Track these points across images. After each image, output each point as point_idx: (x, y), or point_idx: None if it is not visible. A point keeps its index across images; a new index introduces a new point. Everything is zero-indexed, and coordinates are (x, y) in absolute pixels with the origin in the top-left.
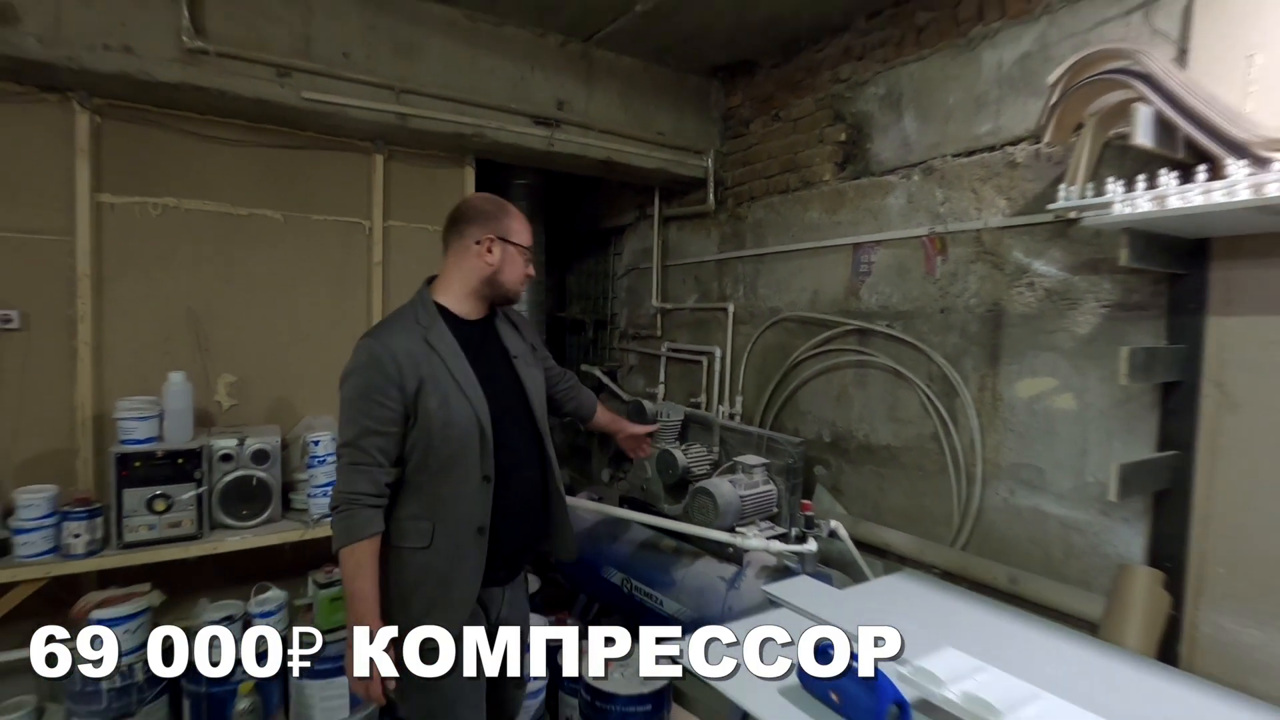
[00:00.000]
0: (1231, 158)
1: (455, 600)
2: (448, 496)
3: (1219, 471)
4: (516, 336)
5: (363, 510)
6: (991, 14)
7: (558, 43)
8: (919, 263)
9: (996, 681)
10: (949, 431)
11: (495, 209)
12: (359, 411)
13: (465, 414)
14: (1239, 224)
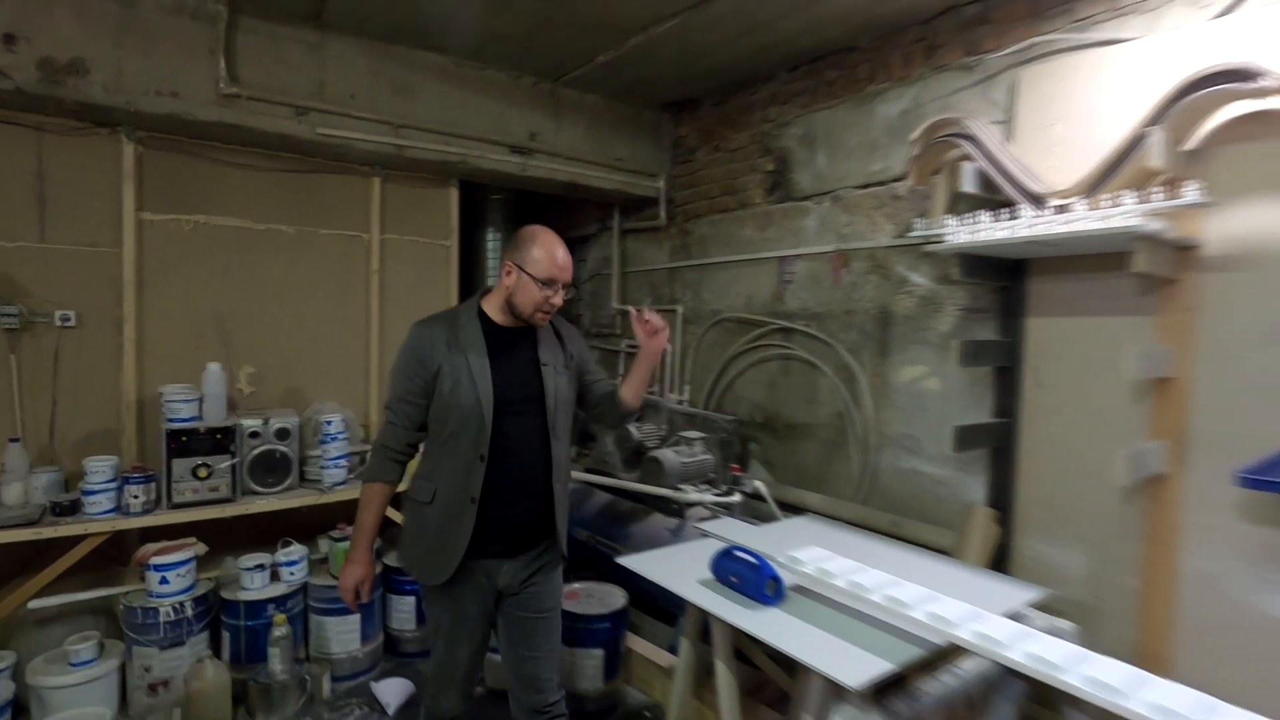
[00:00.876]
0: (1028, 204)
1: (447, 551)
2: (450, 466)
3: (1033, 434)
4: (556, 346)
5: (387, 460)
6: (881, 77)
7: (531, 83)
8: (829, 274)
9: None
10: (852, 411)
11: (526, 239)
12: (396, 381)
13: (469, 399)
14: (1038, 250)
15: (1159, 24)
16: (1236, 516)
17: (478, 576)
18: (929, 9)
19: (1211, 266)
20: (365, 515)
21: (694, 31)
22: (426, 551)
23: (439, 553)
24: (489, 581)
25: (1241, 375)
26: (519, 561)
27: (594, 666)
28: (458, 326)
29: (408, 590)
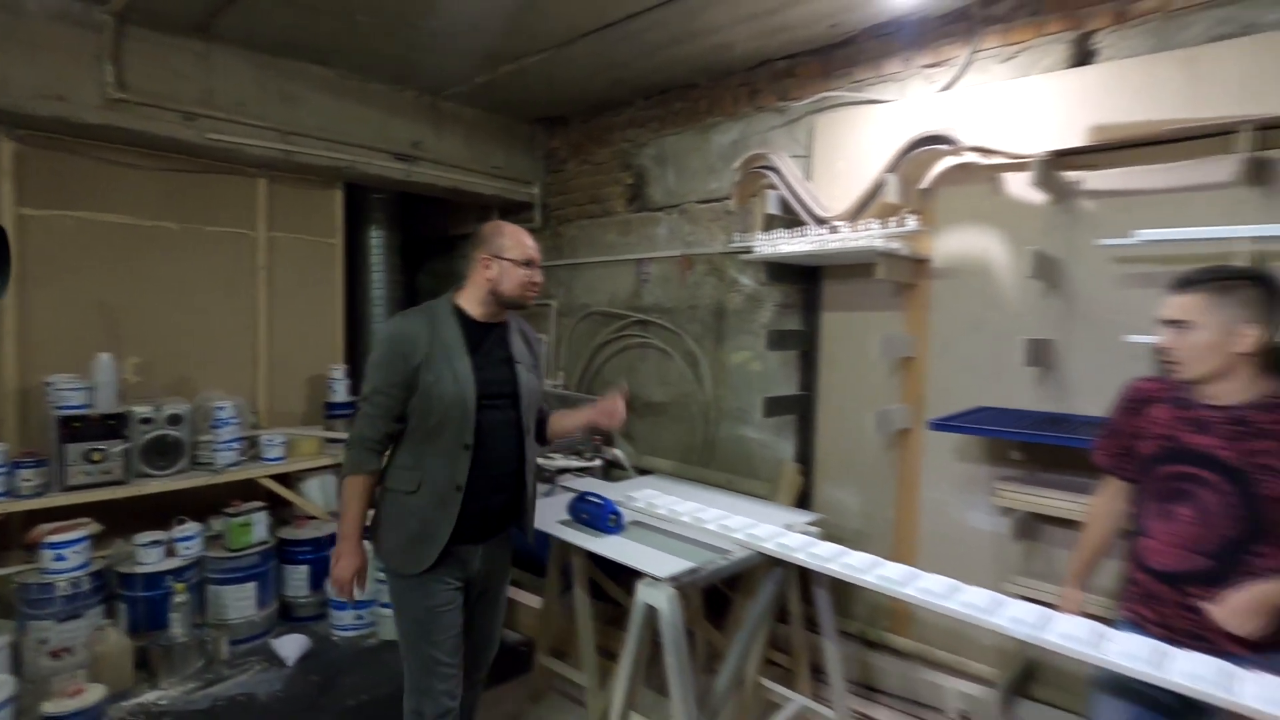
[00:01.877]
0: (814, 225)
1: (430, 539)
2: (434, 455)
3: (826, 403)
4: (525, 348)
5: (366, 451)
6: (717, 111)
7: (413, 96)
8: (677, 274)
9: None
10: (696, 390)
11: (492, 232)
12: (377, 374)
13: (453, 391)
14: (823, 260)
15: (905, 91)
16: (953, 458)
17: (453, 564)
18: (750, 60)
19: (937, 275)
20: (352, 507)
21: (559, 65)
22: (408, 540)
23: (422, 541)
24: (463, 569)
25: (956, 355)
26: (491, 545)
27: None
28: (437, 321)
29: (300, 560)
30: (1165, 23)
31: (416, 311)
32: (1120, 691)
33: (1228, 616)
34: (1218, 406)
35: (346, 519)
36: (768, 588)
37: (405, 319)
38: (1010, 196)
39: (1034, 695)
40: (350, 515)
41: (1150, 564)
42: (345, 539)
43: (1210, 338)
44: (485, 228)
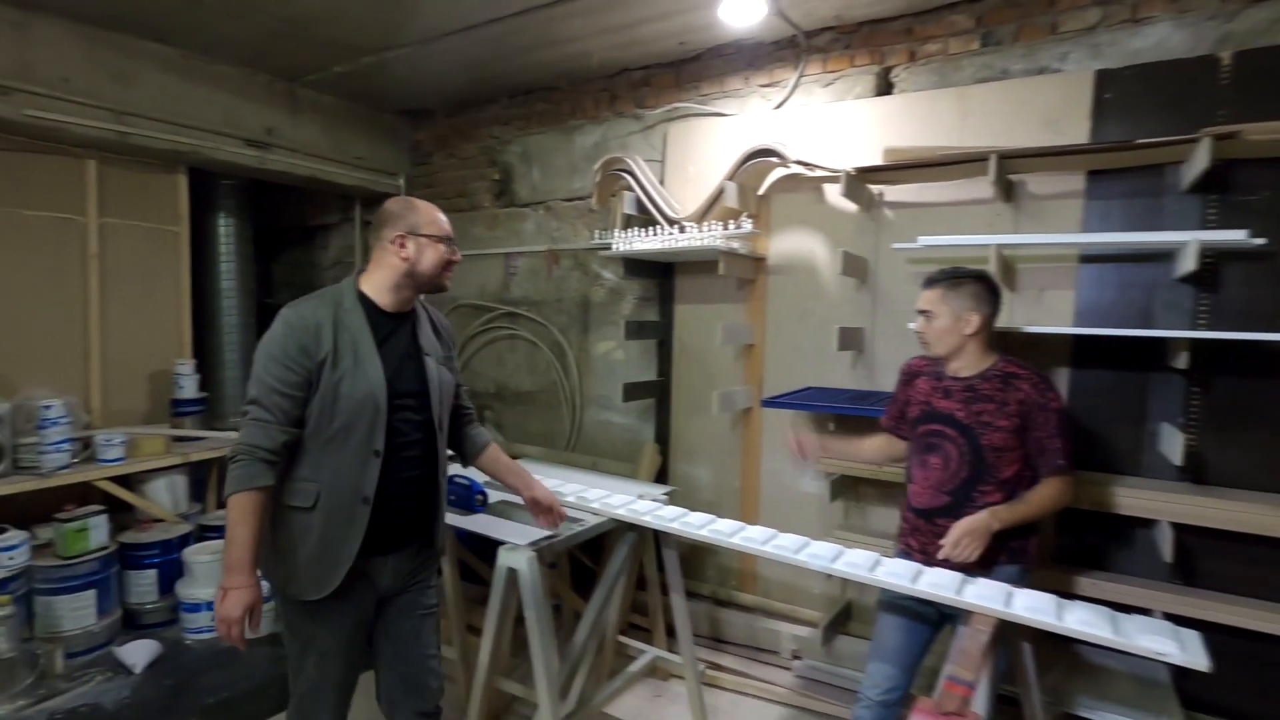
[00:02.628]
0: (666, 224)
1: (332, 560)
2: (337, 464)
3: (680, 387)
4: (434, 339)
5: (257, 463)
6: (579, 114)
7: (266, 81)
8: (544, 268)
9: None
10: (563, 378)
11: (403, 208)
12: (268, 372)
13: (362, 389)
14: (674, 257)
15: (745, 107)
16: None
17: (359, 582)
18: (609, 68)
19: (772, 271)
20: (240, 530)
21: (421, 60)
22: (306, 561)
23: (322, 561)
24: (371, 587)
25: (788, 342)
26: (402, 556)
27: None
28: (341, 310)
29: (146, 565)
30: (945, 64)
31: (315, 298)
32: (893, 608)
33: (949, 548)
34: (958, 378)
35: (235, 545)
36: (621, 550)
37: (304, 306)
38: (829, 204)
39: (851, 631)
40: (239, 540)
41: (913, 504)
42: (233, 569)
43: (946, 323)
44: (392, 204)
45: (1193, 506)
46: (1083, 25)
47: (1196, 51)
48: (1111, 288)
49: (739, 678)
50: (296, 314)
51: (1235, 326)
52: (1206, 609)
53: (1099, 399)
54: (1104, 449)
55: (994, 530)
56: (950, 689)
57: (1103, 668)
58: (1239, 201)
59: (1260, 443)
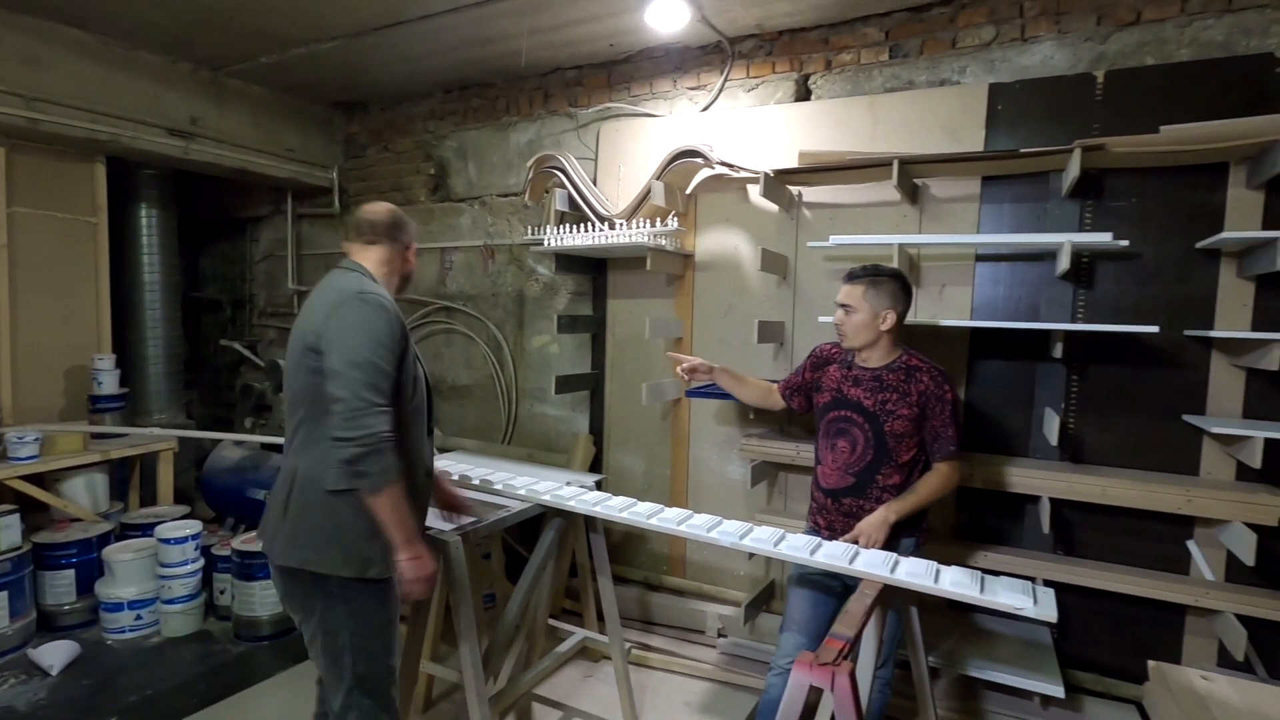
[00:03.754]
0: (598, 222)
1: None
2: (412, 442)
3: (614, 379)
4: None
5: (391, 452)
6: (514, 111)
7: (190, 69)
8: (480, 263)
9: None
10: (499, 372)
11: (404, 218)
12: (381, 358)
13: (421, 375)
14: (606, 253)
15: (674, 108)
16: (714, 422)
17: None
18: (542, 67)
19: (699, 267)
20: (403, 513)
21: (352, 54)
22: (383, 539)
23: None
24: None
25: (714, 335)
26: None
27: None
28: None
29: (63, 565)
30: (857, 73)
31: (384, 292)
32: (802, 582)
33: (863, 534)
34: (867, 368)
35: (407, 524)
36: (548, 535)
37: (380, 292)
38: (752, 204)
39: (773, 609)
40: (404, 522)
41: (821, 484)
42: (413, 541)
43: (864, 318)
44: (397, 214)
45: (1067, 483)
46: (979, 42)
47: (1075, 69)
48: (1004, 284)
49: (667, 656)
50: (388, 300)
51: (1105, 319)
52: (1081, 575)
53: (994, 387)
54: (998, 432)
55: (891, 523)
56: (830, 643)
57: (993, 632)
58: (1110, 207)
59: (1126, 424)
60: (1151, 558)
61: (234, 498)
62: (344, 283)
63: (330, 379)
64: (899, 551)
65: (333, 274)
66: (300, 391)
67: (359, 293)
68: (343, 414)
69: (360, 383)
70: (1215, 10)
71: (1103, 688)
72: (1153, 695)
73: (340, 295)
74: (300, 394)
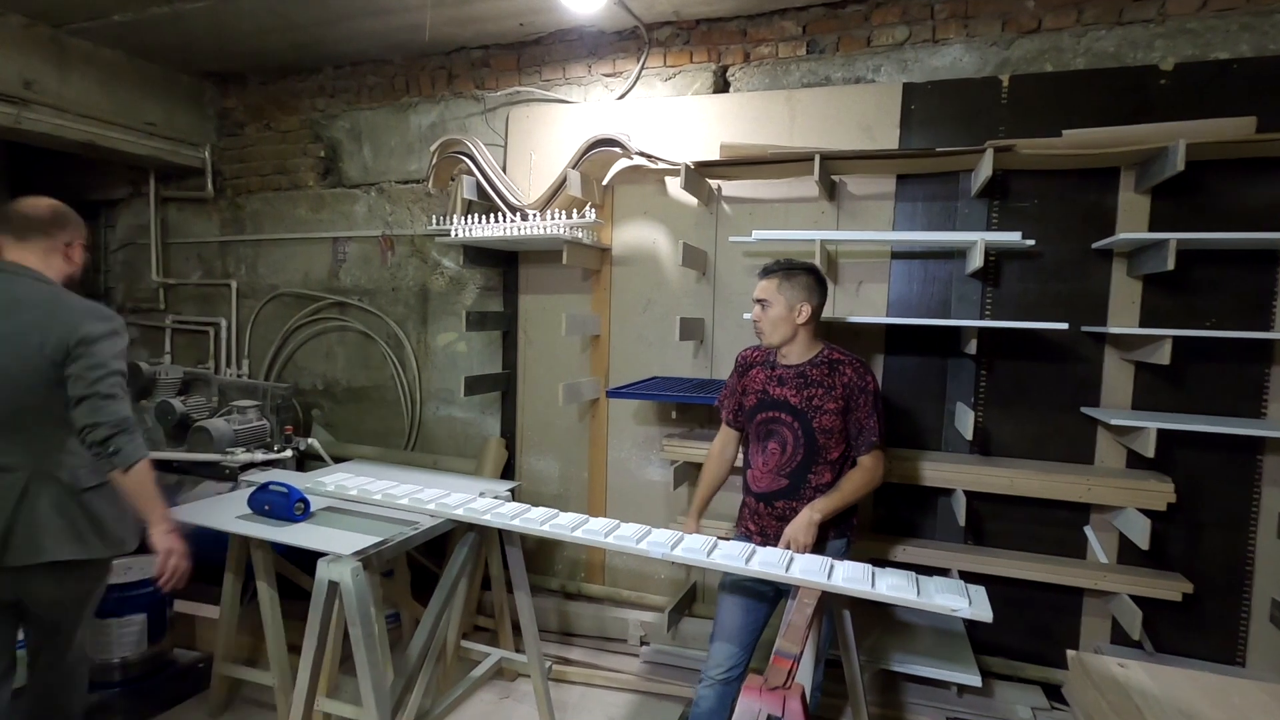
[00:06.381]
0: (509, 212)
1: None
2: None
3: (526, 379)
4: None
5: (138, 432)
6: (414, 91)
7: (22, 24)
8: (378, 255)
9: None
10: (401, 373)
11: (78, 217)
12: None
13: None
14: (517, 246)
15: (589, 95)
16: (633, 422)
17: None
18: (446, 45)
19: (617, 262)
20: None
21: (227, 17)
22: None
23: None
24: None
25: (633, 332)
26: None
27: (133, 634)
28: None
29: None
30: (775, 67)
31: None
32: (733, 588)
33: (792, 539)
34: (790, 365)
35: (160, 499)
36: (461, 552)
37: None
38: (671, 197)
39: (696, 613)
40: (159, 494)
41: (752, 488)
42: (169, 514)
43: (780, 312)
44: (64, 209)
45: (978, 475)
46: (892, 41)
47: (983, 73)
48: (917, 281)
49: (587, 669)
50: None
51: (1011, 316)
52: (990, 564)
53: (907, 382)
54: (912, 427)
55: (818, 523)
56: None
57: (910, 625)
58: (1015, 207)
59: (1030, 417)
60: (1051, 543)
61: None
62: (36, 293)
63: (74, 382)
64: (828, 553)
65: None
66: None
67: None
68: (89, 406)
69: (105, 379)
70: (1107, 23)
71: (1009, 670)
72: (1074, 685)
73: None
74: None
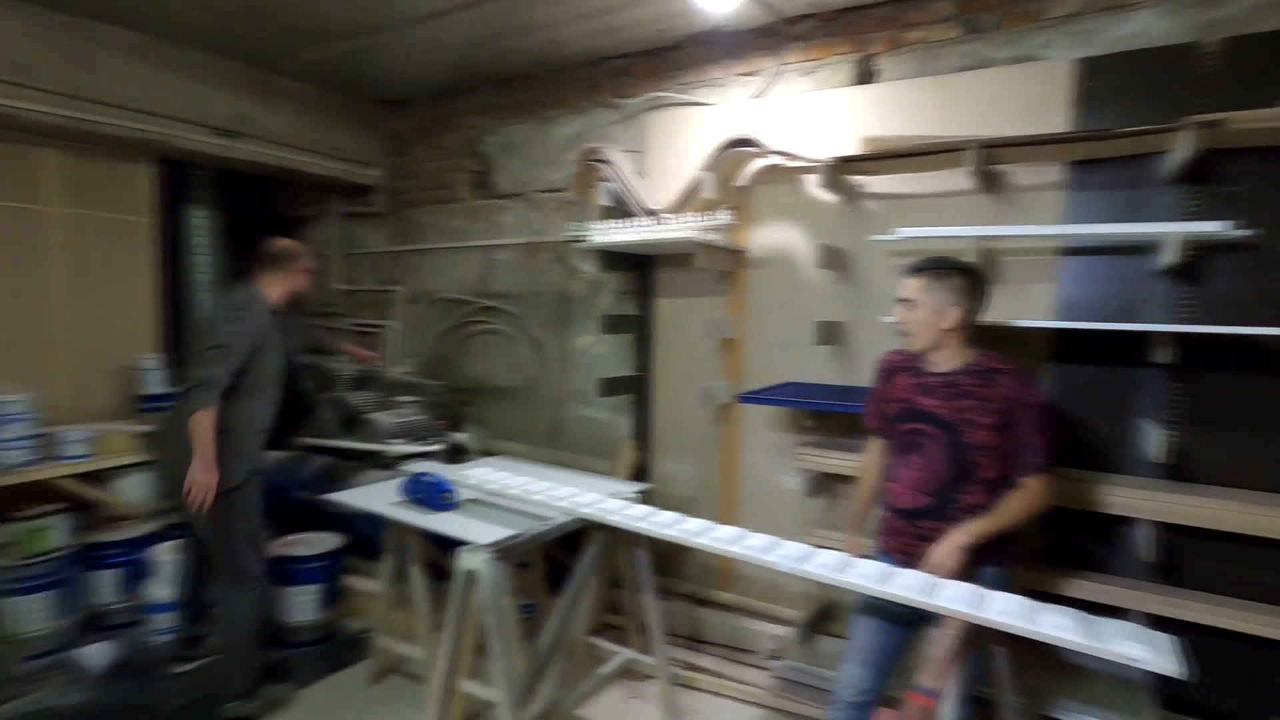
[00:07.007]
0: (644, 216)
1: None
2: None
3: (661, 382)
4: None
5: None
6: (558, 104)
7: (238, 67)
8: (524, 261)
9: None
10: (542, 374)
11: (301, 251)
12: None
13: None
14: (652, 249)
15: (726, 96)
16: (766, 428)
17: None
18: (587, 57)
19: (753, 264)
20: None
21: (397, 47)
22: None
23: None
24: None
25: (769, 336)
26: None
27: (309, 601)
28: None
29: (111, 564)
30: (927, 52)
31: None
32: (868, 609)
33: (935, 565)
34: (937, 373)
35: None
36: (590, 550)
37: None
38: (810, 195)
39: (832, 631)
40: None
41: (893, 503)
42: (206, 456)
43: (926, 314)
44: (289, 247)
45: (1174, 505)
46: (1065, 12)
47: (1180, 39)
48: (1093, 281)
49: (716, 678)
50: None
51: (1219, 320)
52: (1188, 609)
53: (1081, 395)
54: (1086, 446)
55: (964, 547)
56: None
57: (1080, 668)
58: (1222, 191)
59: (1243, 439)
60: (1266, 589)
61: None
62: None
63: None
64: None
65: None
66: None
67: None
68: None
69: (208, 349)
70: None
71: None
72: None
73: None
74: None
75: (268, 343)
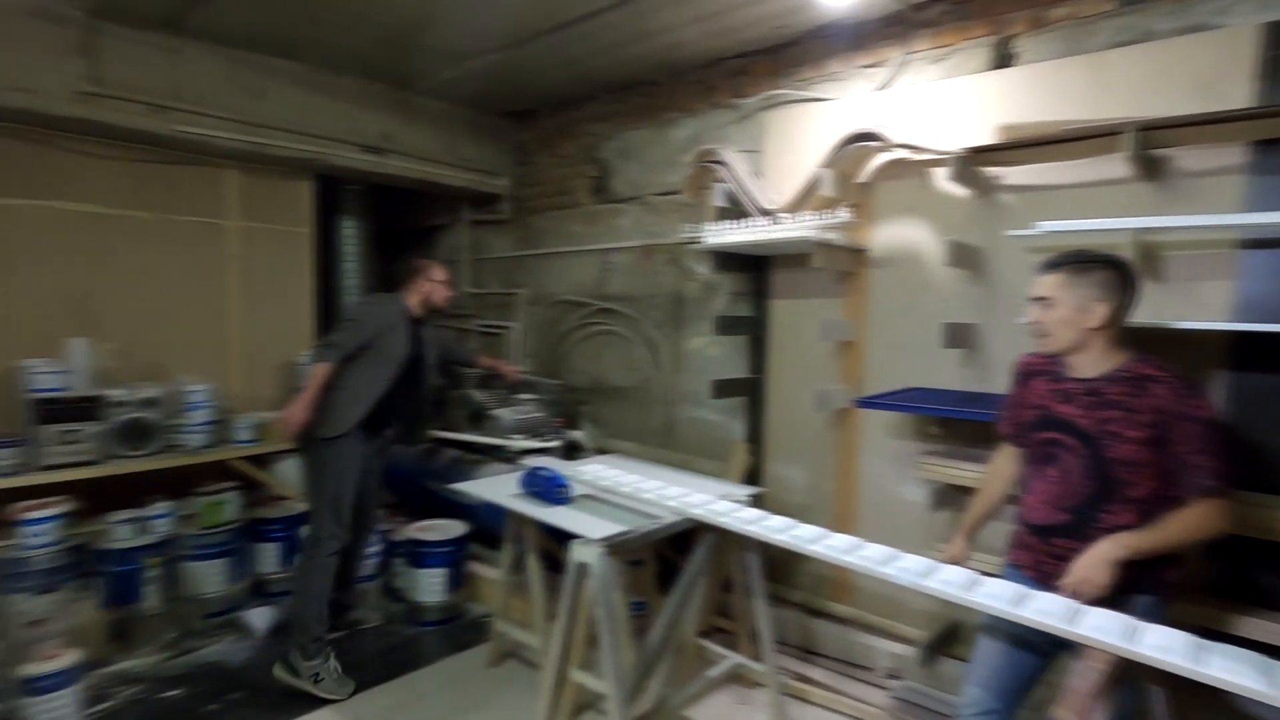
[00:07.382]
0: (759, 216)
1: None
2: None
3: (775, 385)
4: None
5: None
6: (674, 108)
7: (382, 89)
8: (639, 264)
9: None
10: (656, 374)
11: (429, 266)
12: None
13: (397, 356)
14: (767, 250)
15: (847, 90)
16: (886, 435)
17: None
18: (704, 59)
19: (874, 264)
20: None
21: (520, 61)
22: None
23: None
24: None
25: (891, 338)
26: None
27: (437, 583)
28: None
29: (271, 538)
30: (1075, 29)
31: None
32: (993, 631)
33: (1077, 582)
34: (1079, 379)
35: (308, 395)
36: (700, 552)
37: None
38: (938, 190)
39: (956, 653)
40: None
41: (1027, 519)
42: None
43: (1066, 313)
44: (420, 264)
45: None
46: None
47: None
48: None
49: (829, 693)
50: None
51: None
52: None
53: (1261, 407)
54: (1266, 465)
55: (1119, 560)
56: None
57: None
58: None
59: None
60: None
61: (410, 487)
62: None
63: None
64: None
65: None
66: None
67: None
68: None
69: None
70: None
71: None
72: None
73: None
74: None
75: (395, 331)
